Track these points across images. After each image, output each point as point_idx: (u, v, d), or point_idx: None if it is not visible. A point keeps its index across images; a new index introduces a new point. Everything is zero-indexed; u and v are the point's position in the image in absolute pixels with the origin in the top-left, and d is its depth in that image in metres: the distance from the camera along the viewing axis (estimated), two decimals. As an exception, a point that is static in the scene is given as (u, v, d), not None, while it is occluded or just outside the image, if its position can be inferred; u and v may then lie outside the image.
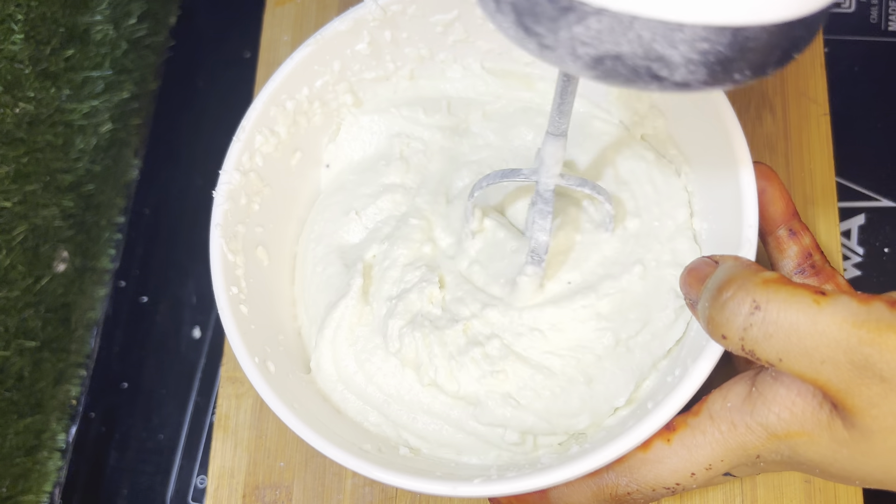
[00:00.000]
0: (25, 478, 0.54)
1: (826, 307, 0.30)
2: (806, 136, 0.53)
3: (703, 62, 0.27)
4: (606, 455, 0.36)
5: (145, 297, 0.60)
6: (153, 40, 0.64)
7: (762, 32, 0.27)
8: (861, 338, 0.29)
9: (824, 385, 0.31)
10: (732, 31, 0.27)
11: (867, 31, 0.58)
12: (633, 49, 0.27)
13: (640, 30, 0.26)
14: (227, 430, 0.52)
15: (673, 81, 0.28)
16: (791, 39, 0.28)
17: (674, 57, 0.27)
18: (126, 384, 0.58)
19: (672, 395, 0.36)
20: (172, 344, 0.59)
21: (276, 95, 0.46)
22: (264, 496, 0.50)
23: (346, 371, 0.45)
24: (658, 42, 0.27)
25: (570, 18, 0.27)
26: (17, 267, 0.52)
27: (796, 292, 0.31)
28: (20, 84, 0.52)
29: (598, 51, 0.27)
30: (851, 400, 0.31)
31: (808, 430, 0.33)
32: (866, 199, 0.55)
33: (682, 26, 0.26)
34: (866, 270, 0.53)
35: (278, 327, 0.46)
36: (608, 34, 0.27)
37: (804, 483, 0.46)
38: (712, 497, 0.47)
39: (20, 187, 0.52)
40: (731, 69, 0.28)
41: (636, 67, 0.27)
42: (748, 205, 0.39)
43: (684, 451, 0.36)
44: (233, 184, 0.44)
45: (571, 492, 0.39)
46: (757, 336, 0.31)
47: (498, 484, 0.37)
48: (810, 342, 0.30)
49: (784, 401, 0.34)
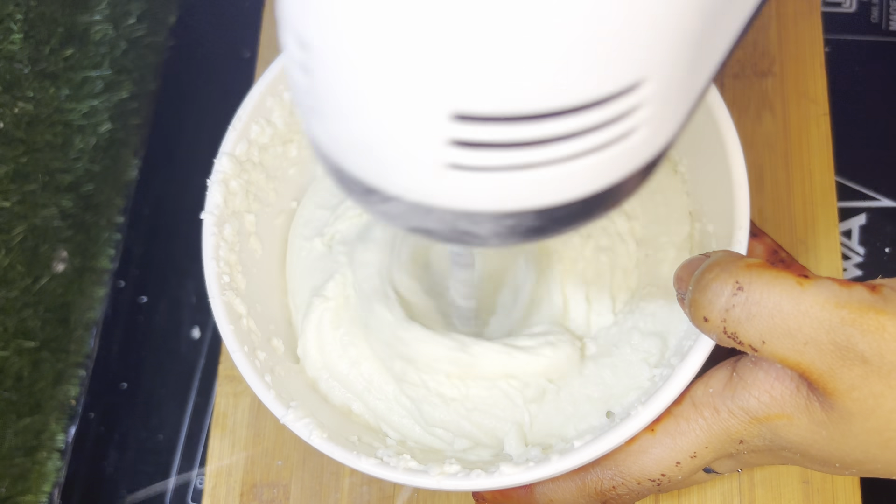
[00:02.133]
0: (24, 478, 0.54)
1: (809, 288, 0.30)
2: (805, 137, 0.53)
3: (513, 233, 0.27)
4: (592, 452, 0.36)
5: (145, 297, 0.60)
6: (153, 40, 0.64)
7: (572, 204, 0.26)
8: (843, 318, 0.30)
9: (807, 368, 0.31)
10: (535, 212, 0.26)
11: (868, 30, 0.58)
12: (441, 227, 0.27)
13: (440, 214, 0.26)
14: (225, 428, 0.52)
15: (491, 245, 0.27)
16: (612, 196, 0.27)
17: (481, 231, 0.27)
18: (125, 384, 0.58)
19: (656, 397, 0.36)
20: (172, 344, 0.59)
21: (273, 86, 0.46)
22: (262, 494, 0.50)
23: (331, 357, 0.45)
24: (461, 222, 0.26)
25: (375, 198, 0.27)
26: (16, 267, 0.52)
27: (780, 275, 0.31)
28: (19, 84, 0.52)
29: (408, 225, 0.27)
30: (833, 383, 0.31)
31: (787, 413, 0.33)
32: (867, 198, 0.55)
33: (478, 214, 0.26)
34: (867, 270, 0.53)
35: (269, 317, 0.45)
36: (412, 215, 0.26)
37: (802, 483, 0.46)
38: (710, 497, 0.47)
39: (19, 187, 0.52)
40: (547, 231, 0.27)
41: (449, 238, 0.27)
42: (740, 207, 0.39)
43: (668, 440, 0.36)
44: (227, 172, 0.44)
45: (556, 487, 0.39)
46: (739, 317, 0.31)
47: (481, 478, 0.36)
48: (793, 322, 0.30)
49: (763, 384, 0.34)
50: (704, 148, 0.42)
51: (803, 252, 0.51)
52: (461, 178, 0.24)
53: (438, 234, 0.27)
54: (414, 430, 0.44)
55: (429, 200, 0.26)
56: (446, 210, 0.26)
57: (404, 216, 0.27)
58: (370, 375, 0.44)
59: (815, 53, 0.54)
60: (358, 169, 0.26)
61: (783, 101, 0.54)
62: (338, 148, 0.26)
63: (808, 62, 0.54)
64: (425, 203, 0.26)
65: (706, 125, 0.41)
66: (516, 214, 0.26)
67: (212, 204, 0.43)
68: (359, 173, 0.26)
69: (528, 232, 0.27)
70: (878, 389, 0.30)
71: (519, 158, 0.24)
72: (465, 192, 0.25)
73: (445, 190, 0.25)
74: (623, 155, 0.25)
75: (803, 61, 0.54)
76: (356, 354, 0.44)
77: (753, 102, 0.54)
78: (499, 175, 0.24)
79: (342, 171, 0.27)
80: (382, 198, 0.26)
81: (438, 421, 0.43)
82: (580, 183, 0.25)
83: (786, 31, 0.55)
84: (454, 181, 0.24)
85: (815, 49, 0.54)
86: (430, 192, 0.25)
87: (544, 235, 0.27)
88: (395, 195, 0.26)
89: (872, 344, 0.30)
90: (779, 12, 0.55)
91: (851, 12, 0.59)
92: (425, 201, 0.26)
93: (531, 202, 0.25)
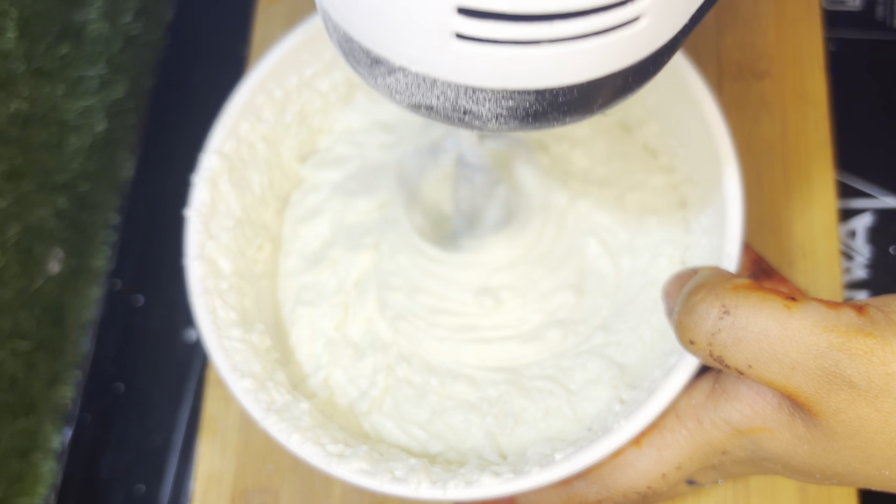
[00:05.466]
0: (20, 480, 0.54)
1: (796, 312, 0.30)
2: (804, 139, 0.52)
3: (513, 116, 0.28)
4: (572, 465, 0.36)
5: (141, 298, 0.60)
6: (148, 38, 0.64)
7: (570, 90, 0.27)
8: (831, 342, 0.30)
9: (793, 392, 0.31)
10: (535, 92, 0.27)
11: (873, 28, 0.58)
12: (442, 103, 0.28)
13: (443, 88, 0.28)
14: (215, 432, 0.51)
15: (490, 129, 0.29)
16: (614, 87, 0.28)
17: (481, 112, 0.28)
18: (121, 386, 0.58)
19: (638, 412, 0.36)
20: (168, 346, 0.58)
21: (264, 83, 0.45)
22: (252, 500, 0.50)
23: (316, 351, 0.45)
24: (462, 99, 0.28)
25: (381, 69, 0.28)
26: (11, 267, 0.52)
27: (767, 297, 0.31)
28: (14, 82, 0.52)
29: (411, 100, 0.29)
30: (819, 406, 0.31)
31: (769, 427, 0.33)
32: (873, 198, 0.54)
33: (479, 89, 0.27)
34: (873, 271, 0.53)
35: (256, 315, 0.45)
36: (416, 88, 0.28)
37: (799, 492, 0.46)
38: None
39: (14, 187, 0.52)
40: (546, 119, 0.28)
41: (449, 117, 0.29)
42: (732, 220, 0.38)
43: (654, 452, 0.36)
44: (214, 169, 0.44)
45: (540, 500, 0.39)
46: (726, 341, 0.31)
47: (459, 489, 0.36)
48: (780, 347, 0.30)
49: (745, 398, 0.34)
50: (700, 158, 0.41)
51: (801, 257, 0.50)
52: (465, 50, 0.26)
53: (440, 113, 0.29)
54: (393, 433, 0.44)
55: (433, 72, 0.27)
56: (449, 83, 0.27)
57: (408, 90, 0.28)
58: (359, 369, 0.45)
59: (813, 55, 0.54)
60: (366, 38, 0.28)
61: (781, 104, 0.53)
62: (348, 16, 0.28)
63: (806, 64, 0.54)
64: (430, 75, 0.27)
65: (701, 135, 0.40)
66: (517, 94, 0.27)
67: (198, 201, 0.43)
68: (367, 43, 0.28)
69: (527, 116, 0.28)
70: (864, 412, 0.30)
71: (522, 33, 0.25)
72: (468, 65, 0.26)
73: (450, 62, 0.26)
74: (624, 44, 0.26)
75: (802, 63, 0.54)
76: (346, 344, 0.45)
77: (751, 105, 0.53)
78: (502, 49, 0.25)
79: (351, 41, 0.28)
80: (388, 69, 0.28)
81: (413, 417, 0.43)
82: (579, 68, 0.26)
83: (784, 33, 0.55)
84: (458, 53, 0.26)
85: (814, 51, 0.54)
86: (434, 63, 0.27)
87: (543, 122, 0.28)
88: (401, 66, 0.27)
89: (860, 368, 0.29)
90: (777, 14, 0.55)
91: (857, 10, 0.58)
92: (430, 73, 0.27)
93: (532, 82, 0.27)
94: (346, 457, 0.38)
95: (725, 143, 0.39)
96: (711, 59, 0.55)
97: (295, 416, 0.40)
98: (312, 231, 0.48)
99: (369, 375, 0.44)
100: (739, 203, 0.38)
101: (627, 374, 0.42)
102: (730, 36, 0.55)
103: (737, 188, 0.39)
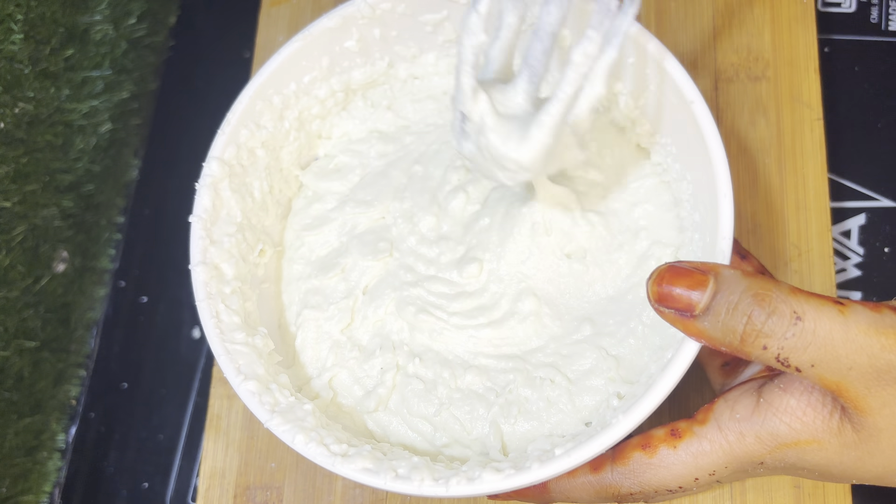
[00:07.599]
0: (25, 478, 0.54)
1: (850, 316, 0.33)
2: (799, 141, 0.53)
3: None
4: (572, 460, 0.36)
5: (145, 298, 0.60)
6: (153, 40, 0.64)
7: None
8: (883, 344, 0.33)
9: (846, 389, 0.33)
10: None
11: (867, 30, 0.58)
12: None
13: None
14: (219, 430, 0.52)
15: None
16: None
17: None
18: (126, 384, 0.59)
19: (635, 407, 0.37)
20: (172, 344, 0.59)
21: (262, 90, 0.46)
22: (255, 497, 0.50)
23: (321, 353, 0.46)
24: None
25: None
26: (17, 267, 0.53)
27: (824, 302, 0.33)
28: (20, 84, 0.52)
29: None
30: (866, 401, 0.33)
31: (818, 438, 0.35)
32: (866, 198, 0.54)
33: None
34: (866, 270, 0.53)
35: (258, 318, 0.46)
36: None
37: (794, 488, 0.46)
38: (701, 501, 0.47)
39: (20, 187, 0.52)
40: None
41: None
42: (724, 217, 0.38)
43: (690, 458, 0.38)
44: (215, 175, 0.44)
45: (573, 488, 0.40)
46: (797, 345, 0.33)
47: (461, 485, 0.37)
48: (842, 350, 0.33)
49: (795, 411, 0.36)
50: (692, 156, 0.42)
51: (796, 256, 0.51)
52: None
53: None
54: (400, 430, 0.44)
55: None
56: None
57: None
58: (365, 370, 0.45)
59: (809, 58, 0.54)
60: None
61: (777, 106, 0.54)
62: None
63: (802, 67, 0.54)
64: None
65: (693, 134, 0.41)
66: None
67: (200, 208, 0.44)
68: None
69: None
70: None
71: None
72: None
73: None
74: None
75: (797, 66, 0.54)
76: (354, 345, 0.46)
77: (747, 107, 0.54)
78: None
79: None
80: None
81: (421, 411, 0.44)
82: None
83: (780, 35, 0.55)
84: None
85: (810, 54, 0.54)
86: None
87: None
88: None
89: None
90: (773, 17, 0.55)
91: (851, 12, 0.58)
92: None
93: None
94: (350, 456, 0.39)
95: (716, 141, 0.40)
96: (708, 62, 0.55)
97: (299, 416, 0.40)
98: (319, 239, 0.49)
99: (376, 375, 0.45)
100: (730, 200, 0.39)
101: (623, 367, 0.42)
102: (726, 39, 0.55)
103: (727, 185, 0.39)
